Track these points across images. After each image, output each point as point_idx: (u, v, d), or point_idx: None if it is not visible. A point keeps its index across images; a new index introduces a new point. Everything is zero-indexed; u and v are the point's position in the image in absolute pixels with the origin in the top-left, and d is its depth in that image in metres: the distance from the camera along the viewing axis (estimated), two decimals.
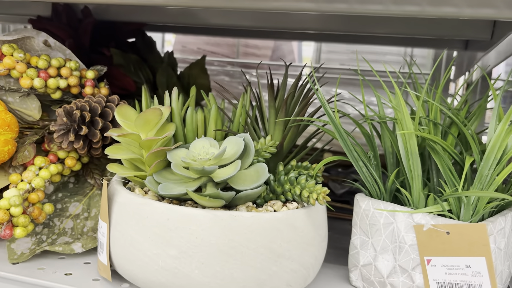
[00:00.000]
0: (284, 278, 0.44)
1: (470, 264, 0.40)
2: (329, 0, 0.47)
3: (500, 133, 0.45)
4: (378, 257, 0.48)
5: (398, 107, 0.45)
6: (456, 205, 0.44)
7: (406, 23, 0.84)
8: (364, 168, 0.49)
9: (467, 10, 0.44)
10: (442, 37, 0.86)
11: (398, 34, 0.92)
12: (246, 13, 0.92)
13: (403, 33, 0.87)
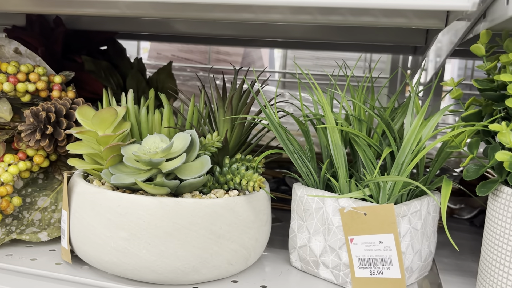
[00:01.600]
0: (225, 257, 0.50)
1: (382, 240, 0.46)
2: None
3: (415, 126, 0.51)
4: (311, 238, 0.53)
5: (323, 105, 0.51)
6: (376, 190, 0.50)
7: (364, 31, 0.90)
8: (299, 160, 0.54)
9: (383, 19, 0.50)
10: (390, 43, 0.92)
11: (357, 41, 0.98)
12: (217, 23, 0.97)
13: (362, 40, 0.94)
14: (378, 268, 0.47)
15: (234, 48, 1.21)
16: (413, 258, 0.51)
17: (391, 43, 0.96)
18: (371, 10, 0.48)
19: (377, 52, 1.08)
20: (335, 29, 0.93)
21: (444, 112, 0.51)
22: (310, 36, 0.95)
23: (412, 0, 0.38)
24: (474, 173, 0.48)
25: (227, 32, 0.99)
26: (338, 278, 0.52)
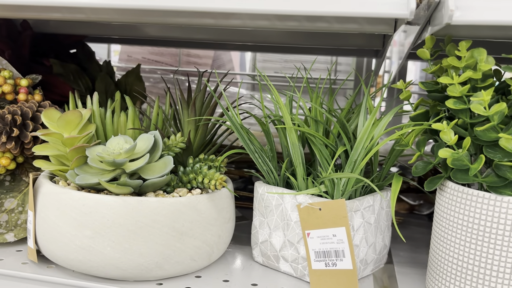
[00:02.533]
0: (188, 253, 0.52)
1: (336, 234, 0.49)
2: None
3: (367, 126, 0.54)
4: (272, 234, 0.56)
5: (281, 106, 0.54)
6: (331, 187, 0.53)
7: (329, 36, 0.93)
8: (260, 159, 0.57)
9: (336, 25, 0.53)
10: (354, 47, 0.96)
11: (323, 45, 1.01)
12: (187, 27, 0.99)
13: (327, 44, 0.97)
14: (332, 260, 0.50)
15: (204, 51, 1.23)
16: (367, 251, 0.54)
17: (354, 47, 1.00)
18: (323, 17, 0.51)
19: (342, 55, 1.12)
20: (303, 33, 0.96)
21: (395, 112, 0.54)
22: (278, 40, 0.98)
23: (354, 9, 0.41)
24: (422, 169, 0.51)
25: (197, 36, 1.01)
26: (297, 271, 0.54)
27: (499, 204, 0.46)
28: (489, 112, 0.43)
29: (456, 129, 0.48)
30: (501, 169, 0.46)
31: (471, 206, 0.47)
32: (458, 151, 0.46)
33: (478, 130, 0.45)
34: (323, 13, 0.44)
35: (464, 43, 0.46)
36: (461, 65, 0.45)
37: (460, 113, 0.47)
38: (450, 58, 0.45)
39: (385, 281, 0.59)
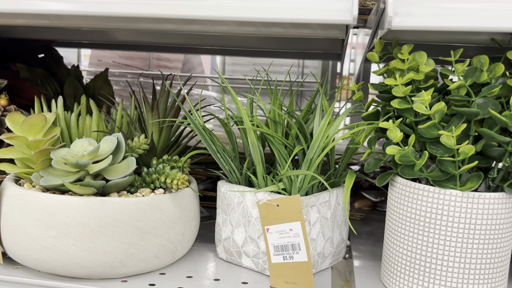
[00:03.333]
0: (152, 251, 0.54)
1: (292, 228, 0.52)
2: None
3: (323, 126, 0.57)
4: (234, 231, 0.58)
5: (239, 107, 0.56)
6: (288, 184, 0.55)
7: (295, 40, 0.96)
8: (222, 159, 0.59)
9: (291, 30, 0.56)
10: (318, 50, 0.99)
11: (289, 49, 1.04)
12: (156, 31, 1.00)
13: (293, 48, 1.00)
14: (289, 254, 0.52)
15: (174, 54, 1.24)
16: (324, 244, 0.57)
17: (320, 51, 1.03)
18: (277, 23, 0.54)
19: (309, 58, 1.15)
20: (271, 38, 0.98)
21: (348, 112, 0.57)
22: (247, 44, 1.00)
23: (302, 16, 0.43)
24: (374, 166, 0.54)
25: (168, 40, 1.02)
26: (258, 265, 0.57)
27: (443, 197, 0.49)
28: (430, 111, 0.47)
29: (402, 128, 0.51)
30: (444, 164, 0.49)
31: (418, 200, 0.50)
32: (404, 148, 0.49)
33: (421, 128, 0.48)
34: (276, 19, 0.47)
35: (406, 46, 0.49)
36: (404, 67, 0.48)
37: (405, 112, 0.50)
38: (394, 61, 0.49)
39: (344, 274, 0.62)
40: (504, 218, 0.49)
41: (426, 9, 0.44)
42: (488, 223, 0.48)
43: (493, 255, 0.49)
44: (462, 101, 0.48)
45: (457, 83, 0.46)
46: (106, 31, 0.98)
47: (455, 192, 0.48)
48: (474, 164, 0.47)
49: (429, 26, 0.44)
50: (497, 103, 0.47)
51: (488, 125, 0.47)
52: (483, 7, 0.44)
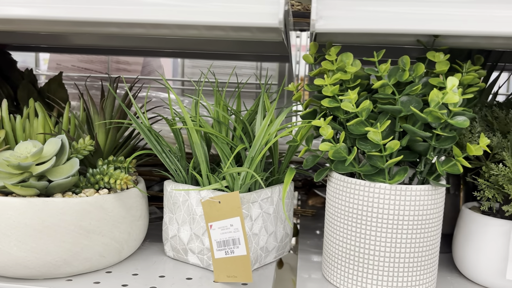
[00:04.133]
0: (96, 250, 0.55)
1: (232, 224, 0.53)
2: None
3: (264, 125, 0.59)
4: (180, 229, 0.60)
5: (182, 108, 0.58)
6: (231, 181, 0.57)
7: (251, 44, 0.98)
8: (167, 158, 0.61)
9: (232, 33, 0.58)
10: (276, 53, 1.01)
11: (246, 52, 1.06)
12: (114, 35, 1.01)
13: (251, 51, 1.02)
14: (230, 248, 0.54)
15: (134, 58, 1.25)
16: (267, 239, 0.59)
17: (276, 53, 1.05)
18: (218, 27, 0.56)
19: (265, 61, 1.17)
20: (229, 41, 1.00)
21: (288, 112, 0.59)
22: (206, 47, 1.02)
23: (232, 19, 0.45)
24: (312, 162, 0.57)
25: (127, 43, 1.03)
26: (203, 261, 0.58)
27: (373, 190, 0.52)
28: (356, 109, 0.49)
29: (333, 125, 0.53)
30: (373, 159, 0.52)
31: (351, 193, 0.53)
32: (336, 145, 0.52)
33: (349, 125, 0.51)
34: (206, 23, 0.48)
35: (334, 48, 0.51)
36: (333, 67, 0.51)
37: (335, 110, 0.52)
38: (324, 62, 0.51)
39: (288, 267, 0.64)
40: (431, 209, 0.52)
41: (350, 13, 0.46)
42: (416, 214, 0.51)
43: (422, 244, 0.52)
44: (388, 99, 0.51)
45: (380, 82, 0.49)
46: (63, 35, 0.98)
47: (384, 185, 0.51)
48: (399, 159, 0.49)
49: (353, 29, 0.46)
50: (419, 101, 0.50)
51: (412, 121, 0.51)
52: (408, 10, 0.47)
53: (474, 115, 0.49)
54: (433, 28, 0.46)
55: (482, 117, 0.60)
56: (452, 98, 0.45)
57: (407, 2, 0.47)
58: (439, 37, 0.54)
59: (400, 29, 0.47)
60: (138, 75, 1.26)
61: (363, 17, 0.46)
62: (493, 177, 0.53)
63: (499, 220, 0.55)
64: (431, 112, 0.47)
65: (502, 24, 0.46)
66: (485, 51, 0.72)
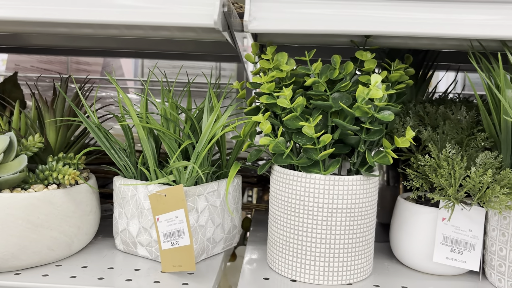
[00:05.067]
0: (45, 244, 0.56)
1: (177, 215, 0.56)
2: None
3: (210, 122, 0.61)
4: (129, 222, 0.62)
5: (128, 105, 0.60)
6: (178, 175, 0.59)
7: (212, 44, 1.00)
8: (116, 155, 0.62)
9: (177, 33, 0.60)
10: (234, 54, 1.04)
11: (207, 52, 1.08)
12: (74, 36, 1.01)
13: (211, 51, 1.04)
14: (176, 239, 0.56)
15: (94, 58, 1.26)
16: (214, 231, 0.62)
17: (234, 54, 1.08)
18: (161, 27, 0.58)
19: (224, 61, 1.20)
20: (189, 41, 1.02)
21: (232, 109, 0.62)
22: (166, 47, 1.04)
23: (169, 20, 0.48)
24: (255, 156, 0.60)
25: (86, 44, 1.03)
26: (151, 253, 0.61)
27: (309, 181, 0.55)
28: (291, 105, 0.52)
29: (272, 121, 0.56)
30: (308, 152, 0.55)
31: (290, 184, 0.56)
32: (275, 139, 0.55)
33: (284, 120, 0.54)
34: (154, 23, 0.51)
35: (269, 48, 0.55)
36: (270, 66, 0.54)
37: (273, 107, 0.56)
38: (261, 61, 0.54)
39: (241, 259, 0.67)
40: (363, 198, 0.56)
41: (283, 14, 0.50)
42: (349, 203, 0.55)
43: (356, 230, 0.56)
44: (321, 95, 0.54)
45: (311, 79, 0.53)
46: (21, 35, 0.99)
47: (319, 176, 0.54)
48: (331, 151, 0.53)
49: (285, 29, 0.49)
50: (349, 97, 0.53)
51: (343, 116, 0.54)
52: (338, 13, 0.50)
53: (399, 110, 0.53)
54: (360, 29, 0.50)
55: (415, 113, 0.64)
56: (376, 93, 0.49)
57: (338, 5, 0.50)
58: (370, 37, 0.58)
59: (330, 30, 0.50)
60: (98, 75, 1.27)
61: (295, 18, 0.50)
62: (420, 167, 0.58)
63: (428, 208, 0.59)
64: (359, 107, 0.51)
65: (424, 25, 0.50)
66: (422, 51, 0.77)
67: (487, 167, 0.54)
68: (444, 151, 0.56)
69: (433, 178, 0.55)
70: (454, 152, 0.56)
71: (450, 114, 0.62)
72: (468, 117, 0.61)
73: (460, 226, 0.58)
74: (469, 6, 0.49)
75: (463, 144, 0.58)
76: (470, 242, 0.58)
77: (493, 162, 0.55)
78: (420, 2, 0.49)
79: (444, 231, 0.58)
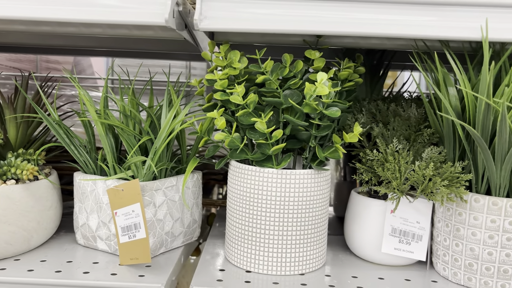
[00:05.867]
0: (2, 238, 0.57)
1: (134, 209, 0.57)
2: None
3: (169, 119, 0.63)
4: (89, 217, 0.63)
5: (86, 102, 0.61)
6: (136, 171, 0.61)
7: (182, 43, 1.01)
8: (76, 151, 0.63)
9: (136, 32, 0.62)
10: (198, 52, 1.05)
11: (177, 51, 1.09)
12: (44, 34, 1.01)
13: (182, 50, 1.05)
14: (133, 233, 0.58)
15: (64, 57, 1.26)
16: (173, 225, 0.63)
17: None
18: (120, 25, 0.59)
19: (195, 60, 1.21)
20: (159, 40, 1.03)
21: (190, 106, 0.64)
22: (135, 46, 1.04)
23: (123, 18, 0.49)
24: (213, 151, 0.61)
25: (55, 42, 1.03)
26: (110, 247, 0.62)
27: (263, 175, 0.57)
28: (243, 101, 0.54)
29: (227, 117, 0.58)
30: (262, 147, 0.57)
31: (245, 179, 0.58)
32: (229, 135, 0.57)
33: (238, 116, 0.56)
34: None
35: (222, 46, 0.56)
36: (223, 64, 0.56)
37: (228, 103, 0.57)
38: (215, 59, 0.56)
39: None
40: (314, 191, 0.58)
41: (233, 14, 0.51)
42: (300, 196, 0.57)
43: (308, 222, 0.58)
44: (272, 92, 0.56)
45: (262, 77, 0.55)
46: None
47: (272, 170, 0.56)
48: (282, 146, 0.55)
49: (235, 28, 0.51)
50: (300, 94, 0.55)
51: (294, 112, 0.56)
52: (289, 13, 0.52)
53: (346, 106, 0.56)
54: (309, 29, 0.52)
55: (368, 110, 0.67)
56: (322, 90, 0.51)
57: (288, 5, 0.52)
58: (322, 37, 0.60)
59: (279, 29, 0.52)
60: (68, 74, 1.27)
61: (246, 18, 0.51)
62: (369, 161, 0.60)
63: (377, 201, 0.61)
64: (307, 104, 0.53)
65: (371, 25, 0.52)
66: (379, 51, 0.80)
67: (432, 162, 0.57)
68: (390, 146, 0.58)
69: (380, 171, 0.57)
70: (402, 147, 0.59)
71: (401, 111, 0.65)
72: (417, 114, 0.63)
73: (408, 218, 0.60)
74: (412, 8, 0.52)
75: (411, 140, 0.61)
76: (418, 233, 0.60)
77: (437, 157, 0.57)
78: (368, 4, 0.51)
79: (392, 223, 0.60)
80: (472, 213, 0.55)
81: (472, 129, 0.50)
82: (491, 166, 0.53)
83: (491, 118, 0.51)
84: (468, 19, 0.50)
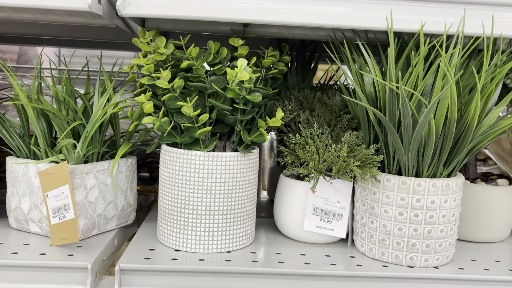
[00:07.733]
0: None
1: (63, 191, 0.59)
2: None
3: (101, 104, 0.64)
4: (21, 200, 0.64)
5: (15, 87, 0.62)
6: (68, 154, 0.62)
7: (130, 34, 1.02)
8: (8, 135, 0.64)
9: (67, 18, 0.63)
10: None
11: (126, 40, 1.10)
12: None
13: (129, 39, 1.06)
14: (62, 214, 0.59)
15: (9, 46, 1.24)
16: (106, 207, 0.65)
17: None
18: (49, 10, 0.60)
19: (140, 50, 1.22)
20: (106, 28, 1.03)
21: (122, 92, 0.65)
22: (82, 35, 1.04)
23: (46, 2, 0.51)
24: (144, 135, 0.63)
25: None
26: (42, 229, 0.63)
27: (191, 158, 0.59)
28: (169, 85, 0.57)
29: (155, 101, 0.60)
30: (189, 130, 0.59)
31: (174, 161, 0.60)
32: (158, 118, 0.59)
33: (164, 99, 0.58)
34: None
35: (149, 33, 0.59)
36: (150, 49, 0.58)
37: (155, 87, 0.60)
38: (141, 45, 0.58)
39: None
40: (241, 172, 0.61)
41: (159, 1, 0.54)
42: (227, 177, 0.60)
43: (235, 203, 0.61)
44: (199, 77, 0.59)
45: (187, 62, 0.57)
46: None
47: (199, 153, 0.59)
48: (208, 129, 0.58)
49: (158, 15, 0.53)
50: (224, 80, 0.58)
51: (220, 98, 0.59)
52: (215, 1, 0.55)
53: (269, 92, 0.59)
54: (231, 16, 0.54)
55: (296, 98, 0.70)
56: (243, 76, 0.54)
57: None
58: (248, 26, 0.63)
59: (202, 16, 0.54)
60: (14, 64, 1.25)
61: (171, 5, 0.54)
62: (292, 145, 0.64)
63: (301, 182, 0.65)
64: (230, 89, 0.56)
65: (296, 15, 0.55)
66: (312, 42, 0.83)
67: (349, 145, 0.61)
68: (311, 130, 0.62)
69: (300, 153, 0.61)
70: (321, 131, 0.62)
71: (327, 99, 0.69)
72: (339, 102, 0.67)
73: (329, 198, 0.64)
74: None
75: (331, 125, 0.65)
76: (338, 212, 0.64)
77: (355, 140, 0.62)
78: None
79: (314, 202, 0.64)
80: (385, 192, 0.60)
81: (379, 113, 0.54)
82: (400, 147, 0.57)
83: (396, 103, 0.55)
84: (376, 10, 0.54)
